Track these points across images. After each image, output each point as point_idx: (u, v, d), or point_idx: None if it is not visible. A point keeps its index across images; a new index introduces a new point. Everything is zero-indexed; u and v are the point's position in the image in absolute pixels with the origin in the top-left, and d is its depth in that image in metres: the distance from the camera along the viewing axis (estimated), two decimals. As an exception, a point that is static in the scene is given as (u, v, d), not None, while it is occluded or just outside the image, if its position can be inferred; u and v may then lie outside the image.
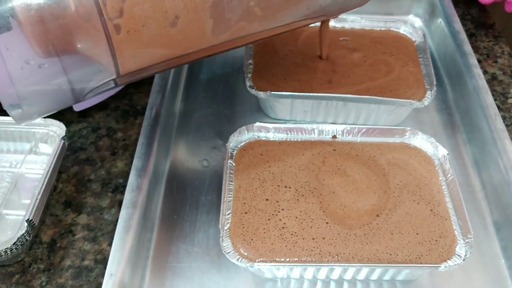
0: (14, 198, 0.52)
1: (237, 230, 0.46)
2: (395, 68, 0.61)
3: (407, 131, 0.55)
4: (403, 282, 0.49)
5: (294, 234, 0.46)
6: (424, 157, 0.53)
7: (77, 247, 0.50)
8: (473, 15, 0.79)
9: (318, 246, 0.45)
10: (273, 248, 0.45)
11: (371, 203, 0.49)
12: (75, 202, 0.54)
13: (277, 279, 0.49)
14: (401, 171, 0.52)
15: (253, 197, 0.49)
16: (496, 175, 0.55)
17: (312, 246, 0.45)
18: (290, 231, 0.46)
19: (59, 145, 0.53)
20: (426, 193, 0.50)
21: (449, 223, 0.47)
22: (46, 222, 0.52)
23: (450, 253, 0.45)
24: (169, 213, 0.54)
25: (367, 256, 0.45)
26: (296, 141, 0.54)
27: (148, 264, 0.50)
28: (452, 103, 0.66)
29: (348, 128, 0.55)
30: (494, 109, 0.59)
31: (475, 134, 0.60)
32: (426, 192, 0.50)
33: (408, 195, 0.50)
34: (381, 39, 0.66)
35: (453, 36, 0.69)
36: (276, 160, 0.52)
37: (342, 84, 0.59)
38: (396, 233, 0.47)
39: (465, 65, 0.64)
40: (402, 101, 0.57)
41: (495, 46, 0.74)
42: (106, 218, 0.53)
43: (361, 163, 0.52)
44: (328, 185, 0.50)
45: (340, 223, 0.47)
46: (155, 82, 0.60)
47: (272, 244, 0.45)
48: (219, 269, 0.49)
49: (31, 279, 0.48)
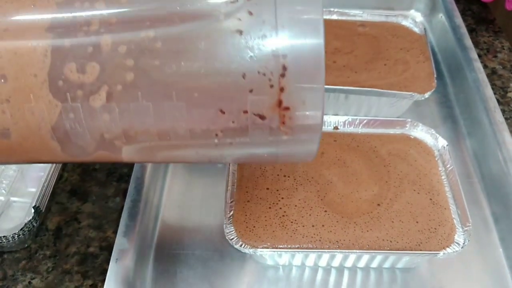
0: (21, 186, 0.53)
1: (240, 217, 0.47)
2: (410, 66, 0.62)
3: (408, 122, 0.56)
4: (403, 270, 0.50)
5: (294, 222, 0.47)
6: (424, 148, 0.54)
7: (82, 234, 0.51)
8: (474, 10, 0.80)
9: (318, 233, 0.46)
10: (275, 235, 0.46)
11: (371, 193, 0.50)
12: (80, 190, 0.55)
13: (279, 266, 0.49)
14: (401, 162, 0.53)
15: (255, 186, 0.50)
16: (495, 167, 0.56)
17: (312, 233, 0.46)
18: (290, 219, 0.47)
19: (65, 135, 0.54)
20: (425, 183, 0.51)
21: (448, 212, 0.48)
22: (52, 210, 0.53)
23: (449, 241, 0.46)
24: (173, 201, 0.55)
25: (367, 243, 0.46)
26: None
27: (153, 251, 0.50)
28: (452, 96, 0.67)
29: (349, 120, 0.56)
30: (494, 102, 0.59)
31: (474, 127, 0.61)
32: (425, 182, 0.51)
33: (409, 185, 0.51)
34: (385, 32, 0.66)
35: (454, 31, 0.70)
36: None
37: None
38: (396, 221, 0.47)
39: (466, 59, 0.65)
40: (403, 93, 0.58)
41: (495, 41, 0.75)
42: (111, 206, 0.54)
43: (361, 154, 0.53)
44: (325, 175, 0.51)
45: (339, 212, 0.48)
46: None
47: (274, 232, 0.46)
48: (223, 256, 0.50)
49: (38, 265, 0.49)
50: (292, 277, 0.49)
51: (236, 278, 0.49)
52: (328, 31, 0.65)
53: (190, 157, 0.33)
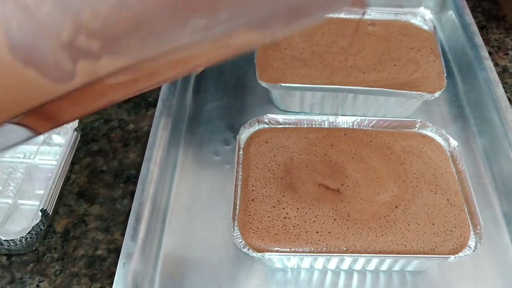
0: (28, 188, 0.53)
1: (244, 218, 0.47)
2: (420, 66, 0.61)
3: (417, 123, 0.55)
4: (413, 273, 0.49)
5: (296, 226, 0.46)
6: (437, 145, 0.53)
7: (90, 236, 0.51)
8: (484, 7, 0.79)
9: (325, 240, 0.46)
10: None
11: (391, 194, 0.49)
12: (87, 192, 0.55)
13: (287, 269, 0.49)
14: (417, 160, 0.52)
15: (262, 187, 0.49)
16: (506, 168, 0.55)
17: (317, 239, 0.46)
18: (293, 222, 0.47)
19: (72, 137, 0.54)
20: (442, 182, 0.50)
21: (465, 214, 0.47)
22: (59, 212, 0.53)
23: (464, 244, 0.45)
24: (181, 204, 0.54)
25: (380, 249, 0.45)
26: (302, 127, 0.55)
27: (161, 254, 0.50)
28: (463, 95, 0.66)
29: (358, 120, 0.55)
30: (505, 101, 0.59)
31: (485, 127, 0.60)
32: (442, 182, 0.50)
33: (425, 184, 0.50)
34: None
35: (464, 29, 0.68)
36: (280, 147, 0.53)
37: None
38: (412, 224, 0.47)
39: (476, 57, 0.64)
40: (412, 93, 0.57)
41: (506, 38, 0.74)
42: (119, 208, 0.53)
43: (376, 149, 0.52)
44: (349, 171, 0.50)
45: (356, 219, 0.47)
46: (166, 75, 0.61)
47: (277, 235, 0.46)
48: (230, 259, 0.50)
49: (45, 268, 0.49)
50: (301, 280, 0.49)
51: (244, 281, 0.48)
52: (336, 30, 0.65)
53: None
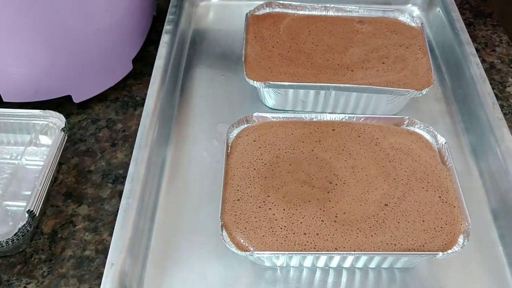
0: (15, 189, 0.53)
1: (232, 218, 0.46)
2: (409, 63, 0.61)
3: (405, 120, 0.55)
4: (402, 270, 0.49)
5: (284, 227, 0.46)
6: (426, 143, 0.53)
7: (78, 237, 0.51)
8: (472, 4, 0.79)
9: (313, 241, 0.46)
10: (265, 240, 0.45)
11: (381, 192, 0.49)
12: (75, 193, 0.54)
13: (276, 268, 0.49)
14: (406, 157, 0.52)
15: (247, 186, 0.49)
16: (494, 164, 0.55)
17: (306, 241, 0.46)
18: (280, 224, 0.47)
19: (59, 137, 0.54)
20: (433, 179, 0.50)
21: (457, 211, 0.48)
22: (47, 213, 0.52)
23: (454, 240, 0.45)
24: (169, 203, 0.54)
25: (370, 249, 0.45)
26: (289, 120, 0.55)
27: (149, 254, 0.50)
28: (450, 92, 0.66)
29: (346, 118, 0.55)
30: (492, 97, 0.59)
31: (473, 123, 0.61)
32: (433, 179, 0.50)
33: (417, 182, 0.50)
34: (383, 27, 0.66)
35: (452, 25, 0.69)
36: (267, 145, 0.52)
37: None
38: (402, 221, 0.47)
39: (463, 54, 0.64)
40: (400, 90, 0.57)
41: (494, 35, 0.74)
42: (107, 208, 0.53)
43: (364, 145, 0.52)
44: (336, 168, 0.50)
45: (343, 221, 0.47)
46: (154, 73, 0.60)
47: (264, 237, 0.46)
48: (219, 258, 0.50)
49: (33, 269, 0.48)
50: (290, 278, 0.49)
51: (233, 280, 0.48)
52: (324, 28, 0.65)
53: None
